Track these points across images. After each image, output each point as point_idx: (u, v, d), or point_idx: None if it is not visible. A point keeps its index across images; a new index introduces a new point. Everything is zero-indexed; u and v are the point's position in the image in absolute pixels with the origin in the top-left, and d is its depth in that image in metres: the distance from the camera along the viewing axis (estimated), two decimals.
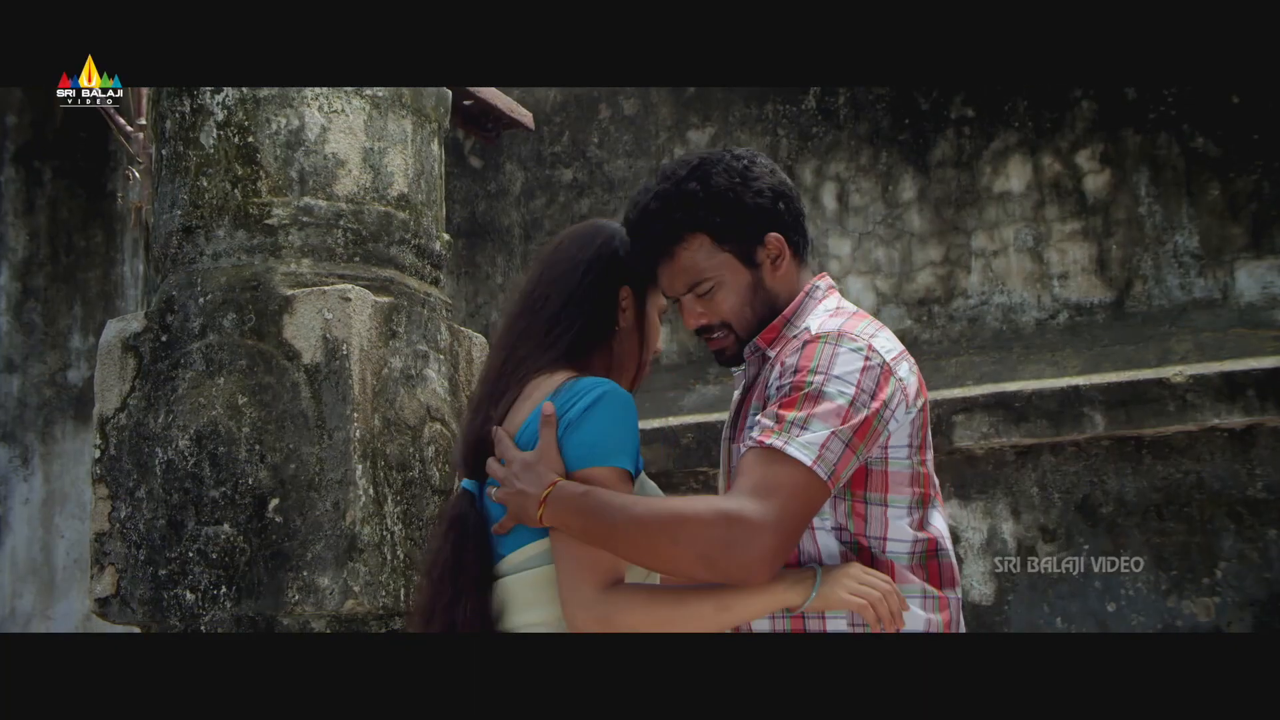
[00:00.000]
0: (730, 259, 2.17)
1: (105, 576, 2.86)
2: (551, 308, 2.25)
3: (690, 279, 2.19)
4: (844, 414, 1.97)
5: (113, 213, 6.88)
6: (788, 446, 1.95)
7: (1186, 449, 4.57)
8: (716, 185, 2.16)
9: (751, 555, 1.91)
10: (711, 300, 2.19)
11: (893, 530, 2.07)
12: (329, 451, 2.72)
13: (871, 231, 5.57)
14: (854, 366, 2.01)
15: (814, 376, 2.00)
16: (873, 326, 2.12)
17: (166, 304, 2.92)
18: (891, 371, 2.04)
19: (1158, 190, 5.07)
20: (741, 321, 2.20)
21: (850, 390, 1.99)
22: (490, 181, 6.35)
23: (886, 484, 2.07)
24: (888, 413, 2.02)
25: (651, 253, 2.21)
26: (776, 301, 2.20)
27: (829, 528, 2.07)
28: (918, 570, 2.09)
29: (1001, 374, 5.09)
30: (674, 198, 2.17)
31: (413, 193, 3.08)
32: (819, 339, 2.05)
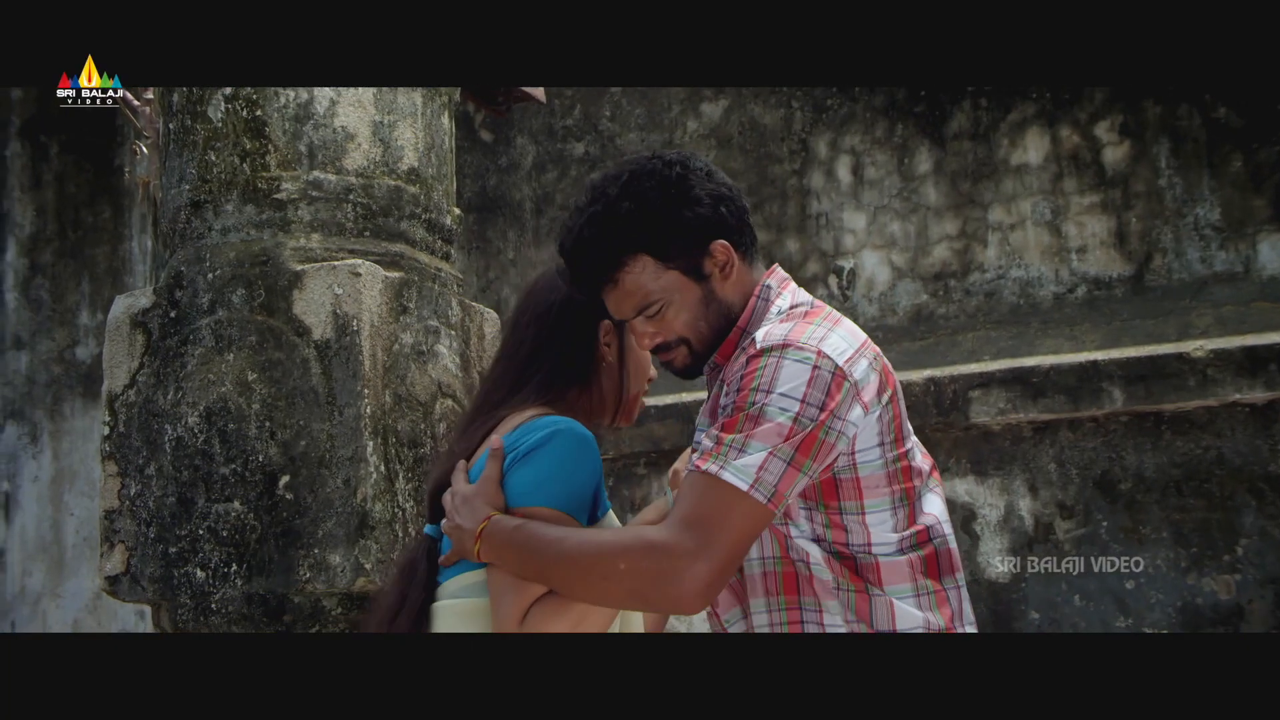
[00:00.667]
0: (677, 275, 2.09)
1: (115, 554, 2.85)
2: (526, 350, 2.23)
3: (638, 302, 2.11)
4: (786, 432, 1.91)
5: (120, 188, 6.86)
6: (723, 471, 1.91)
7: (1207, 424, 4.55)
8: (652, 201, 2.07)
9: (682, 587, 1.88)
10: (663, 319, 2.11)
11: (875, 535, 2.01)
12: (340, 428, 2.71)
13: (887, 205, 5.53)
14: (799, 379, 1.94)
15: (755, 395, 1.94)
16: (823, 327, 2.02)
17: (175, 279, 2.91)
18: (845, 375, 1.96)
19: (1178, 162, 5.03)
20: (697, 336, 2.13)
21: (794, 406, 1.92)
22: (501, 155, 6.32)
23: (860, 491, 2.01)
24: (838, 422, 1.95)
25: (593, 281, 2.13)
26: (731, 310, 2.13)
27: (808, 537, 2.03)
28: (913, 565, 2.03)
29: (1019, 349, 5.07)
30: (608, 220, 2.08)
31: (423, 166, 3.07)
32: (763, 353, 1.97)
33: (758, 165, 5.82)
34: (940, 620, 2.03)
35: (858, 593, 2.02)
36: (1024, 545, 4.79)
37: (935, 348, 5.25)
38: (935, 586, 2.04)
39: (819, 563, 2.02)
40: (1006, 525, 4.82)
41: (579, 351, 2.22)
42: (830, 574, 2.02)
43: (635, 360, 2.28)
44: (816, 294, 5.61)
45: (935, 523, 2.07)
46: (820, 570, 2.02)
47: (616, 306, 2.14)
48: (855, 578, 2.02)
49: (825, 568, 2.02)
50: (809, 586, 2.03)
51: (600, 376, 2.24)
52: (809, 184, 5.70)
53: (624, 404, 2.28)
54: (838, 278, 5.59)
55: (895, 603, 2.01)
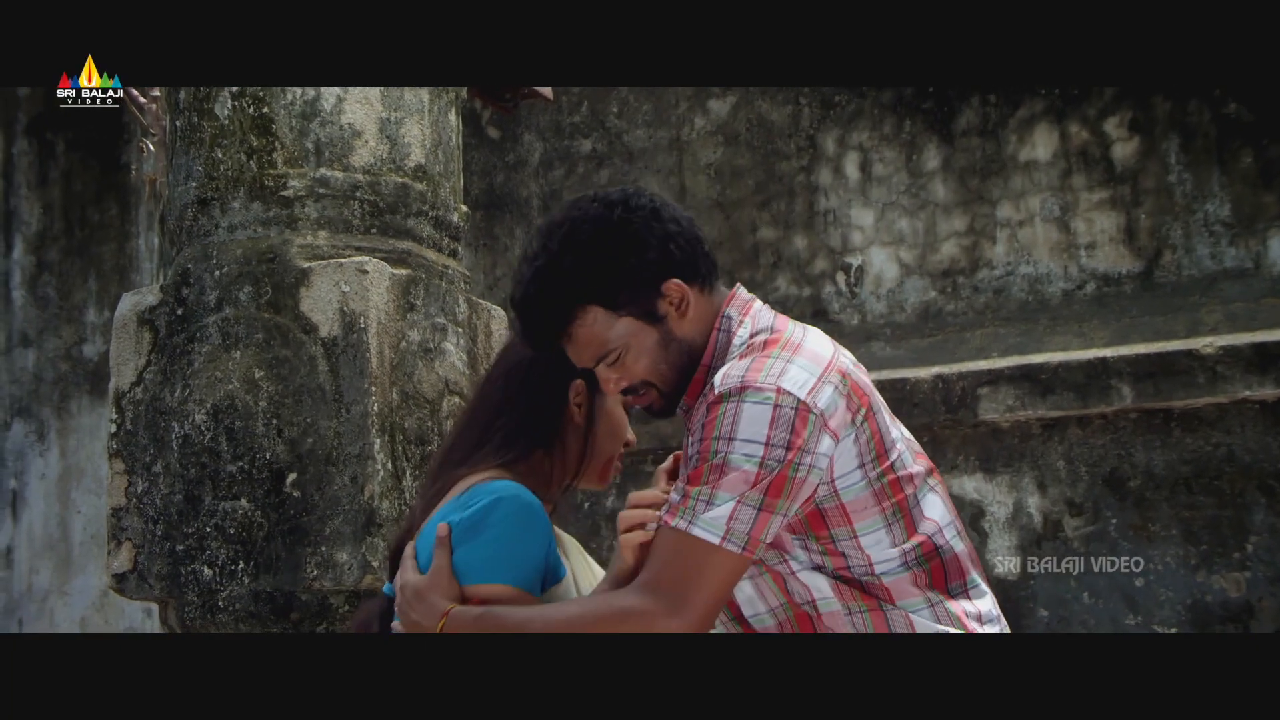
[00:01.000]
0: (630, 321, 2.04)
1: (122, 552, 2.85)
2: (491, 406, 2.18)
3: (595, 353, 2.06)
4: (752, 479, 1.87)
5: (127, 185, 6.86)
6: (692, 527, 1.88)
7: (1216, 421, 4.54)
8: (595, 251, 2.02)
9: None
10: (624, 365, 2.06)
11: (875, 555, 1.97)
12: (347, 425, 2.71)
13: (895, 202, 5.52)
14: (760, 422, 1.89)
15: (718, 444, 1.89)
16: (781, 360, 1.96)
17: (182, 277, 2.90)
18: (809, 409, 1.90)
19: (1188, 158, 5.01)
20: (661, 378, 2.07)
21: (757, 451, 1.88)
22: (508, 152, 6.31)
23: (847, 516, 1.96)
24: (808, 457, 1.90)
25: (547, 339, 2.08)
26: (693, 346, 2.07)
27: (808, 567, 1.99)
28: (919, 579, 1.99)
29: (1027, 345, 5.05)
30: (553, 275, 2.03)
31: (430, 164, 3.06)
32: (721, 399, 1.92)
33: (765, 162, 5.81)
34: (957, 630, 1.99)
35: (872, 611, 1.99)
36: (1032, 543, 4.78)
37: (944, 345, 5.23)
38: (944, 598, 2.00)
39: (826, 596, 1.99)
40: (1015, 523, 4.80)
41: (545, 411, 2.16)
42: (839, 603, 1.99)
43: (607, 423, 2.21)
44: (824, 291, 5.60)
45: (936, 530, 2.02)
46: (828, 605, 1.99)
47: (576, 356, 2.09)
48: (866, 597, 1.99)
49: (833, 599, 1.99)
50: (822, 626, 2.00)
51: (567, 437, 2.18)
52: (817, 181, 5.69)
53: (593, 467, 2.21)
54: (845, 274, 5.58)
55: (911, 616, 1.98)
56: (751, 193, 5.82)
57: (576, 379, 2.17)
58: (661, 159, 5.98)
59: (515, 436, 2.14)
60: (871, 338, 5.36)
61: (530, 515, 2.02)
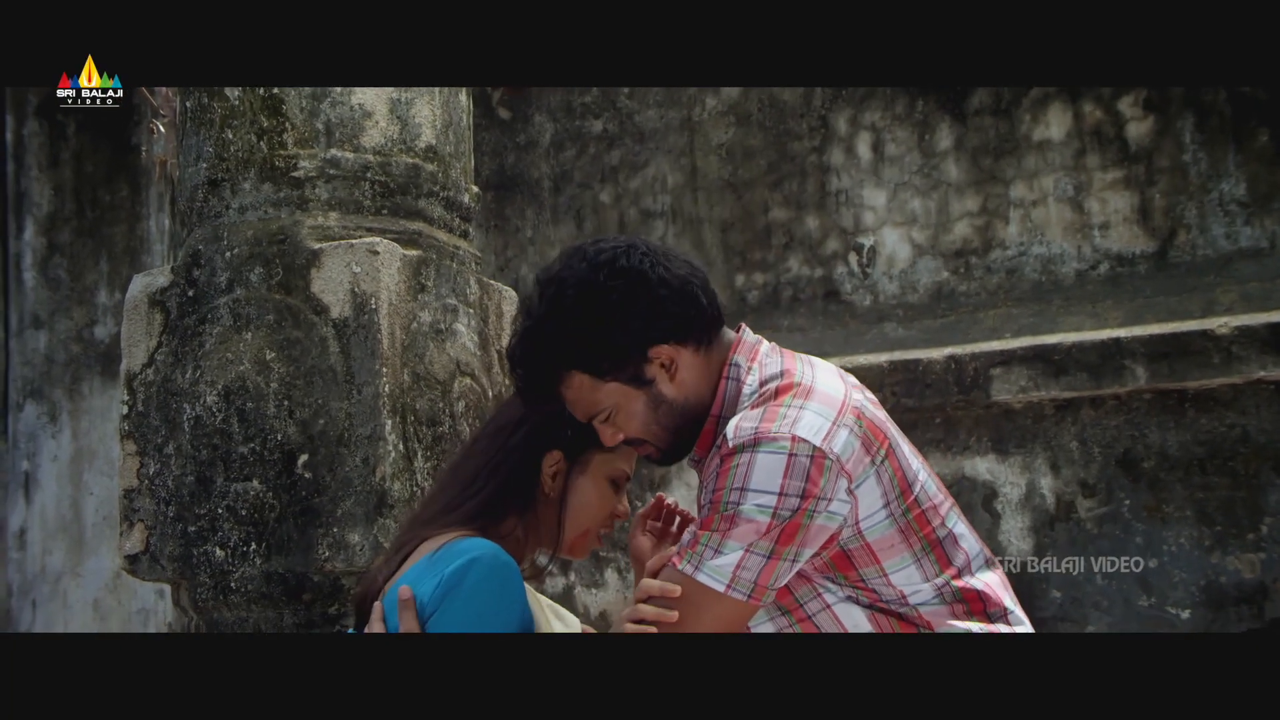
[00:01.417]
0: (616, 386, 2.03)
1: (134, 533, 2.86)
2: (474, 465, 2.16)
3: (586, 412, 2.06)
4: (763, 529, 1.87)
5: (138, 167, 6.85)
6: (698, 573, 1.89)
7: (1231, 402, 4.51)
8: (579, 320, 1.99)
9: None
10: (615, 423, 2.06)
11: (908, 590, 1.97)
12: (358, 407, 2.70)
13: (907, 182, 5.49)
14: (774, 472, 1.88)
15: (730, 494, 1.89)
16: (794, 408, 1.94)
17: (193, 258, 2.90)
18: (825, 455, 1.89)
19: (1203, 137, 4.98)
20: (653, 436, 2.07)
21: (771, 502, 1.87)
22: (519, 133, 6.30)
23: (874, 556, 1.96)
24: (824, 503, 1.89)
25: (538, 397, 2.08)
26: (688, 404, 2.05)
27: (843, 598, 1.99)
28: (958, 610, 1.98)
29: (1040, 326, 5.04)
30: (539, 340, 2.02)
31: (441, 144, 3.05)
32: (735, 450, 1.91)
33: (777, 142, 5.78)
34: None
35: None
36: (1045, 524, 4.77)
37: (956, 325, 5.21)
38: (986, 624, 1.99)
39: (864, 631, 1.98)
40: (1028, 504, 4.79)
41: (520, 478, 2.15)
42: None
43: (583, 497, 2.18)
44: (836, 272, 5.58)
45: (966, 564, 2.01)
46: None
47: (571, 411, 2.08)
48: (905, 625, 1.98)
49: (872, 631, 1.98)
50: None
51: (540, 507, 2.17)
52: (829, 161, 5.67)
53: (566, 539, 2.19)
54: (858, 255, 5.56)
55: None
56: (763, 173, 5.80)
57: (555, 449, 2.15)
58: (673, 139, 5.96)
59: (491, 501, 2.13)
60: (884, 318, 5.34)
61: (507, 574, 1.99)
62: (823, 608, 2.00)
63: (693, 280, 2.05)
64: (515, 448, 2.16)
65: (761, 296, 5.67)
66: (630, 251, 2.02)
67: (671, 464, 2.13)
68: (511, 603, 2.00)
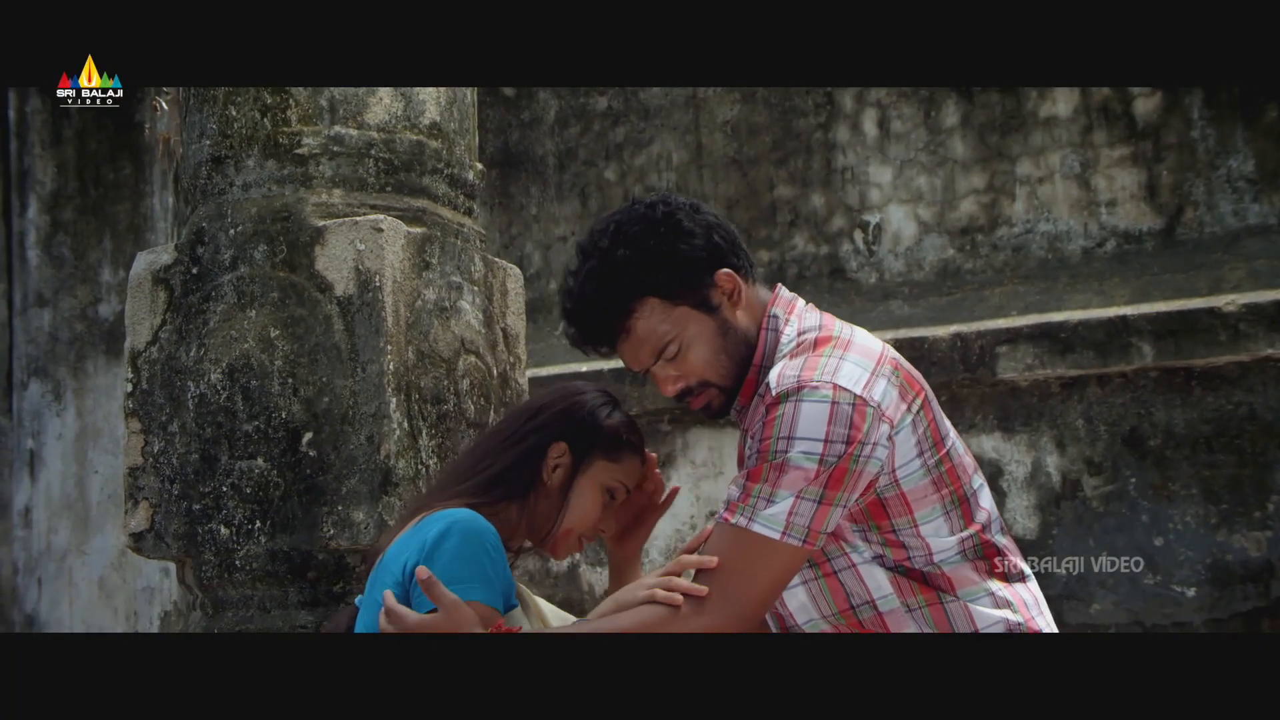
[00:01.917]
0: (688, 311, 2.08)
1: (139, 511, 2.86)
2: (484, 446, 2.22)
3: (655, 347, 2.10)
4: (812, 475, 1.92)
5: (141, 144, 6.84)
6: (752, 524, 1.93)
7: (1238, 380, 4.51)
8: (646, 243, 2.07)
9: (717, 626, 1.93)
10: (684, 360, 2.10)
11: (934, 544, 2.02)
12: (362, 384, 2.70)
13: (913, 159, 5.47)
14: (819, 420, 1.93)
15: (778, 443, 1.94)
16: (834, 358, 2.00)
17: (196, 236, 2.89)
18: (866, 402, 1.95)
19: (1211, 113, 4.96)
20: (720, 372, 2.11)
21: (817, 449, 1.92)
22: (524, 110, 6.28)
23: (908, 506, 2.01)
24: (868, 449, 1.95)
25: (607, 336, 2.12)
26: (748, 339, 2.11)
27: (869, 559, 2.03)
28: (978, 569, 2.04)
29: (1047, 304, 5.03)
30: (608, 272, 2.08)
31: (445, 121, 3.04)
32: (779, 399, 1.96)
33: (783, 119, 5.76)
34: (1018, 616, 2.03)
35: (930, 605, 2.02)
36: (1051, 502, 4.77)
37: (962, 303, 5.20)
38: (1004, 586, 2.05)
39: (886, 594, 2.03)
40: (1034, 482, 4.79)
41: (528, 464, 2.18)
42: (899, 600, 2.03)
43: (582, 499, 2.21)
44: (842, 249, 5.57)
45: (988, 521, 2.07)
46: (888, 603, 2.03)
47: (634, 356, 2.12)
48: (926, 589, 2.03)
49: (893, 596, 2.03)
50: (880, 627, 2.04)
51: (539, 497, 2.20)
52: (834, 138, 5.65)
53: (554, 535, 2.22)
54: (863, 232, 5.54)
55: (970, 606, 2.02)
56: (769, 150, 5.78)
57: (562, 441, 2.18)
58: (678, 116, 5.94)
59: (492, 481, 2.16)
60: (889, 296, 5.33)
61: (486, 536, 2.02)
62: (848, 566, 2.04)
63: (727, 225, 2.16)
64: (527, 433, 2.20)
65: (767, 274, 5.65)
66: (673, 196, 2.15)
67: (724, 414, 2.17)
68: (490, 561, 2.02)
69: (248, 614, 2.73)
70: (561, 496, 2.20)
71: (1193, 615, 4.49)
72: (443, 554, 1.99)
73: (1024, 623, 2.03)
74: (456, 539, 2.00)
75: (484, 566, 2.01)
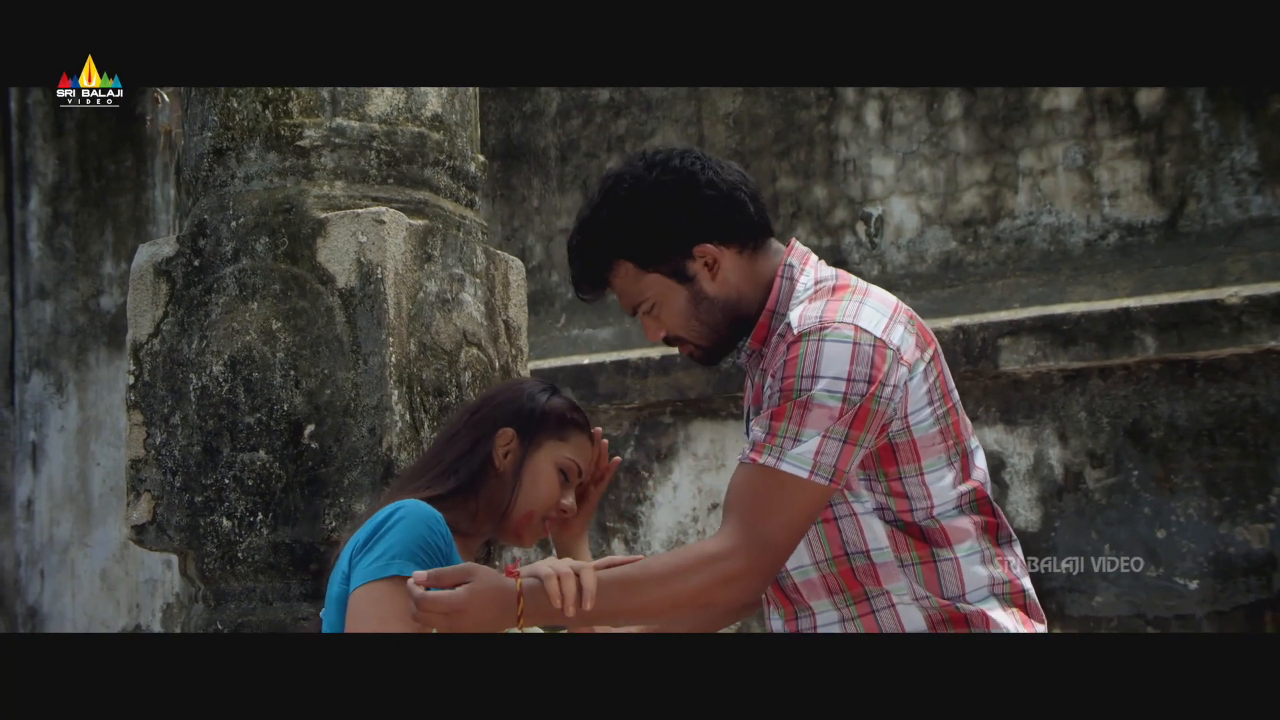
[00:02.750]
0: (659, 278, 2.13)
1: (141, 503, 2.86)
2: (434, 448, 2.27)
3: (631, 302, 2.17)
4: (836, 413, 1.95)
5: (142, 135, 6.84)
6: (781, 464, 1.95)
7: (1241, 372, 4.51)
8: (628, 211, 2.12)
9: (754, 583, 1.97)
10: (658, 317, 2.16)
11: (936, 494, 2.05)
12: (364, 377, 2.70)
13: (916, 151, 5.47)
14: (841, 359, 1.96)
15: (801, 381, 1.97)
16: (854, 302, 2.05)
17: (198, 228, 2.89)
18: (885, 344, 1.99)
19: (1214, 104, 4.95)
20: (692, 334, 2.17)
21: (840, 387, 1.95)
22: (525, 102, 6.27)
23: (917, 453, 2.04)
24: (888, 390, 1.98)
25: (591, 285, 2.20)
26: (729, 305, 2.15)
27: (870, 510, 2.06)
28: (975, 525, 2.07)
29: (1049, 296, 5.02)
30: (592, 228, 2.15)
31: (447, 113, 3.03)
32: (801, 338, 2.00)
33: (785, 111, 5.76)
34: (1003, 573, 2.07)
35: (924, 563, 2.05)
36: (1054, 494, 4.77)
37: (964, 295, 5.20)
38: (995, 549, 2.08)
39: (881, 546, 2.06)
40: (1036, 474, 4.79)
41: (477, 452, 2.22)
42: (894, 553, 2.06)
43: (534, 480, 2.24)
44: (844, 241, 5.57)
45: (984, 480, 2.11)
46: (882, 555, 2.06)
47: (620, 300, 2.20)
48: (921, 545, 2.06)
49: (888, 549, 2.06)
50: (871, 576, 2.06)
51: (491, 483, 2.23)
52: (837, 130, 5.64)
53: (513, 520, 2.24)
54: (865, 224, 5.54)
55: (961, 563, 2.05)
56: (771, 142, 5.78)
57: (508, 427, 2.23)
58: (680, 108, 5.93)
59: (444, 475, 2.21)
60: (892, 288, 5.28)
61: (431, 518, 2.07)
62: (849, 514, 2.07)
63: (741, 187, 2.16)
64: (474, 425, 2.25)
65: None
66: (685, 155, 2.15)
67: (714, 364, 2.23)
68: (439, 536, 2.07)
69: (250, 606, 2.73)
70: (515, 481, 2.23)
71: (1195, 608, 4.49)
72: (389, 531, 2.05)
73: (1009, 581, 2.07)
74: (401, 521, 2.06)
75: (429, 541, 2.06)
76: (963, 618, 2.03)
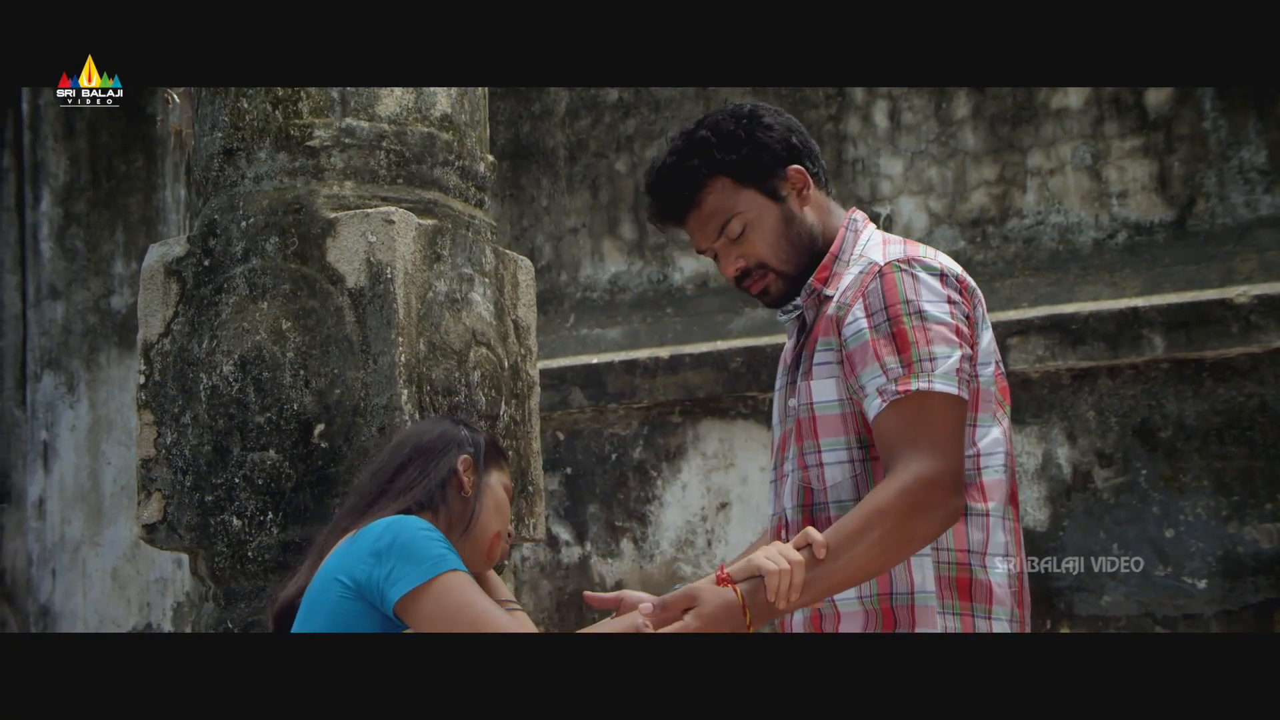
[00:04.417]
0: (755, 195, 2.19)
1: (152, 503, 2.87)
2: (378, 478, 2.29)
3: (719, 222, 2.21)
4: (953, 329, 2.02)
5: (153, 136, 6.85)
6: (933, 385, 1.99)
7: (1249, 371, 4.50)
8: (726, 128, 2.20)
9: (952, 505, 1.98)
10: (745, 241, 2.20)
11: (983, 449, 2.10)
12: (374, 376, 2.70)
13: (924, 150, 5.46)
14: (936, 285, 2.05)
15: (909, 306, 2.04)
16: (930, 249, 2.15)
17: (208, 228, 2.90)
18: (966, 284, 2.09)
19: (1223, 104, 4.94)
20: (779, 257, 2.21)
21: (946, 309, 2.03)
22: (534, 102, 6.27)
23: (977, 403, 2.09)
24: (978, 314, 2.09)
25: (678, 206, 2.23)
26: (813, 234, 2.22)
27: None
28: (1003, 488, 2.12)
29: (1058, 295, 5.02)
30: (688, 148, 2.21)
31: (456, 113, 3.04)
32: (892, 268, 2.08)
33: (794, 110, 5.72)
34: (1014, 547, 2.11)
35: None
36: (1062, 494, 4.76)
37: None
38: (1015, 522, 2.13)
39: None
40: (1044, 474, 4.79)
41: (432, 475, 2.26)
42: None
43: (493, 498, 2.31)
44: None
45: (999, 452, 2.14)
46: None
47: (701, 231, 2.24)
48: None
49: None
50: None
51: (451, 503, 2.27)
52: (845, 129, 5.64)
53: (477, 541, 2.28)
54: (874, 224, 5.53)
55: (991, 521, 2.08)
56: None
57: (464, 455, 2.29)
58: (689, 108, 5.94)
59: (402, 493, 2.24)
60: None
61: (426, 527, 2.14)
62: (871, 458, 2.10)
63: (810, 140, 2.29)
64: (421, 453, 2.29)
65: None
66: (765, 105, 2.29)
67: (782, 303, 2.25)
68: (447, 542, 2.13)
69: (260, 605, 2.73)
70: (478, 504, 2.29)
71: (1204, 607, 4.49)
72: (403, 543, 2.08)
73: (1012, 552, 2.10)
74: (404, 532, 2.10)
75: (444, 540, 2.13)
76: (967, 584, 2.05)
